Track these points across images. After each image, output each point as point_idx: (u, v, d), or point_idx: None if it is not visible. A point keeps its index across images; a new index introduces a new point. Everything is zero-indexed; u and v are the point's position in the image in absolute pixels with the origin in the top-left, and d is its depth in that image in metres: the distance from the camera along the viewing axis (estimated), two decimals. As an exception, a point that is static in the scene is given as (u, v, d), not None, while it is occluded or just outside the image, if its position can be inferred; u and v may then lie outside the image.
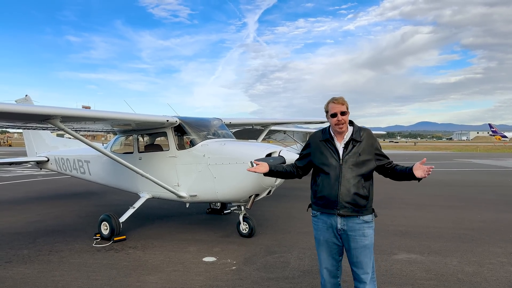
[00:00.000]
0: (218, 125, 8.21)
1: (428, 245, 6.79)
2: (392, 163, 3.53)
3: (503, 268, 5.63)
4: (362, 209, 3.31)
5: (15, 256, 6.26)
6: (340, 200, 3.27)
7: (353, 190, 3.27)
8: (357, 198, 3.28)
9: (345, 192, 3.26)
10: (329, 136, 3.44)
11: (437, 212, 9.87)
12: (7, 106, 5.11)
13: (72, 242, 7.08)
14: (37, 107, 5.43)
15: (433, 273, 5.41)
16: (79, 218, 9.26)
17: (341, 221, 3.30)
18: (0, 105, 5.11)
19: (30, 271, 5.56)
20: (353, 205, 3.28)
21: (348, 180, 3.27)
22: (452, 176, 19.33)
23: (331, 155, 3.36)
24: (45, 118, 5.70)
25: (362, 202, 3.30)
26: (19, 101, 11.46)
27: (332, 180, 3.30)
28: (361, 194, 3.29)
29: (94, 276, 5.37)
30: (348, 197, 3.26)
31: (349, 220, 3.29)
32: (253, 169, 3.58)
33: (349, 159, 3.31)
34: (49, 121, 5.74)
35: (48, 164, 10.85)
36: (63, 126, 5.99)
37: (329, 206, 3.33)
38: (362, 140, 3.36)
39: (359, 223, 3.30)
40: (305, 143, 3.66)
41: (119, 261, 6.03)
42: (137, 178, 7.89)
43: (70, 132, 6.16)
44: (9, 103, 5.15)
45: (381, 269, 5.52)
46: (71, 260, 6.08)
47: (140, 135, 8.23)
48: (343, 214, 3.28)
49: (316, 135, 3.54)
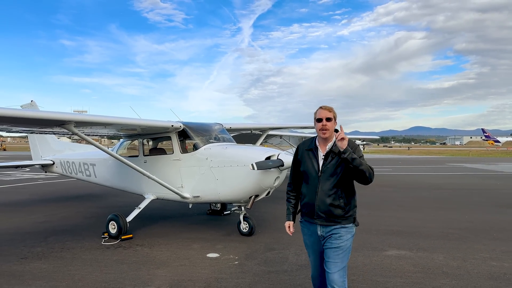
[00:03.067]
0: (219, 130, 8.65)
1: (417, 243, 7.26)
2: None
3: (485, 263, 6.10)
4: (339, 219, 3.38)
5: (29, 253, 6.64)
6: (317, 210, 3.38)
7: (329, 201, 3.34)
8: (332, 209, 3.35)
9: (321, 203, 3.36)
10: (314, 146, 3.51)
11: (428, 214, 10.36)
12: (27, 112, 5.52)
13: (82, 240, 7.47)
14: (54, 113, 5.85)
15: (420, 267, 5.87)
16: (84, 218, 9.64)
17: (320, 228, 3.43)
18: (20, 112, 5.54)
19: (46, 266, 5.96)
20: (329, 215, 3.36)
21: (325, 191, 3.35)
22: (444, 180, 19.87)
23: (312, 165, 3.44)
24: (61, 124, 6.13)
25: (338, 212, 3.37)
26: (25, 106, 11.84)
27: (311, 189, 3.43)
28: (336, 205, 3.35)
29: (107, 270, 5.77)
30: (324, 207, 3.36)
31: (327, 227, 3.40)
32: (289, 232, 3.69)
33: (328, 170, 3.38)
34: (64, 126, 6.17)
35: (53, 167, 11.23)
36: (76, 131, 6.42)
37: (309, 214, 3.47)
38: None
39: (336, 228, 3.39)
40: (295, 150, 3.73)
41: (128, 257, 6.44)
42: (142, 180, 8.30)
43: (82, 136, 6.59)
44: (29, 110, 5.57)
45: (372, 264, 5.97)
46: (83, 256, 6.47)
47: (145, 139, 8.65)
48: (320, 223, 3.40)
49: (304, 143, 3.63)
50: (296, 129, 15.90)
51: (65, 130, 6.33)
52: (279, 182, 7.24)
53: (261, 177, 6.94)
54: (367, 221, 8.95)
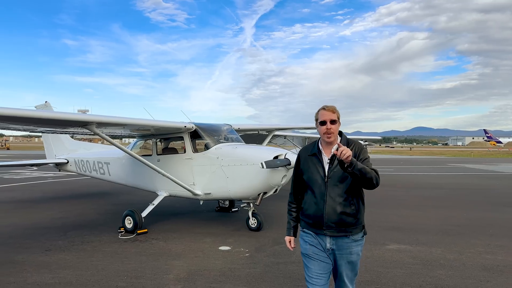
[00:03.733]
0: (228, 130, 9.09)
1: (417, 238, 7.67)
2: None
3: (479, 256, 6.51)
4: (351, 228, 3.12)
5: (52, 245, 7.09)
6: (326, 220, 3.07)
7: (340, 209, 3.06)
8: (344, 217, 3.08)
9: (331, 212, 3.06)
10: (317, 150, 3.22)
11: (428, 211, 10.76)
12: (53, 114, 5.97)
13: (99, 234, 7.91)
14: (78, 115, 6.31)
15: (419, 259, 6.29)
16: (99, 215, 10.09)
17: (330, 240, 3.14)
18: (48, 113, 5.99)
19: (70, 257, 6.40)
20: (340, 225, 3.09)
21: (334, 199, 3.06)
22: (445, 180, 20.26)
23: (317, 171, 3.15)
24: (84, 124, 6.58)
25: (350, 220, 3.10)
26: (39, 107, 12.30)
27: (317, 198, 3.12)
28: (348, 213, 3.08)
29: (127, 261, 6.21)
30: (335, 217, 3.06)
31: (338, 240, 3.12)
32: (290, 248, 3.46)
33: (335, 175, 3.08)
34: (86, 126, 6.62)
35: (68, 166, 11.68)
36: (97, 131, 6.88)
37: (316, 226, 3.16)
38: None
39: (347, 242, 3.12)
40: (296, 158, 3.46)
41: (146, 249, 6.88)
42: (155, 177, 8.74)
43: (103, 136, 7.04)
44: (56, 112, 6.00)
45: (374, 256, 6.40)
46: (103, 249, 6.92)
47: (159, 139, 9.08)
48: (330, 234, 3.11)
49: (306, 149, 3.34)
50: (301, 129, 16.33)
51: (87, 130, 6.79)
52: (286, 180, 7.67)
53: (269, 175, 7.36)
54: (369, 218, 9.32)
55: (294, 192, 3.43)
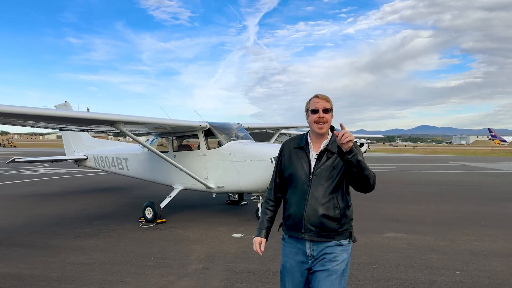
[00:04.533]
0: (239, 129, 9.80)
1: (413, 228, 8.36)
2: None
3: (469, 243, 7.20)
4: (332, 234, 2.72)
5: (81, 233, 7.84)
6: (305, 222, 2.71)
7: (322, 211, 2.68)
8: (325, 221, 2.69)
9: (311, 213, 2.69)
10: (305, 143, 2.85)
11: (425, 205, 11.44)
12: (86, 114, 6.72)
13: (122, 224, 8.66)
14: (108, 115, 7.03)
15: (413, 246, 6.98)
16: (118, 207, 10.85)
17: (310, 245, 2.74)
18: (80, 114, 6.73)
19: (99, 243, 7.14)
20: (320, 229, 2.70)
21: (317, 199, 2.69)
22: (445, 177, 20.90)
23: (301, 166, 2.79)
24: (112, 123, 7.32)
25: (332, 225, 2.71)
26: (59, 106, 13.06)
27: (298, 197, 2.76)
28: (331, 216, 2.70)
29: (151, 245, 6.95)
30: (315, 219, 2.69)
31: (319, 245, 2.73)
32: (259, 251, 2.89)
33: (322, 172, 2.73)
34: (114, 125, 7.36)
35: (87, 162, 12.44)
36: (124, 129, 7.62)
37: (293, 228, 2.78)
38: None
39: (330, 246, 2.73)
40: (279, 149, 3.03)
41: (166, 236, 7.62)
42: (172, 172, 9.47)
43: (128, 133, 7.79)
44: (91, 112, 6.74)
45: (373, 243, 7.09)
46: (127, 235, 7.66)
47: (175, 137, 9.80)
48: (308, 238, 2.72)
49: (292, 140, 2.97)
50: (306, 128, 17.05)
51: (113, 128, 7.53)
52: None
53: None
54: (369, 210, 10.06)
55: (275, 188, 2.97)
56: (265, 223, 2.96)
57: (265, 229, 2.94)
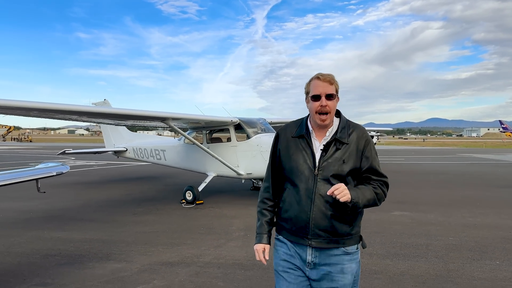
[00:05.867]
0: (263, 123, 11.21)
1: (416, 208, 9.72)
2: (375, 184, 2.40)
3: (463, 219, 8.54)
4: (344, 238, 2.34)
5: (136, 211, 9.34)
6: (312, 227, 2.30)
7: (331, 212, 2.29)
8: (337, 224, 2.31)
9: (319, 215, 2.29)
10: (305, 131, 2.40)
11: (429, 190, 12.77)
12: (145, 112, 8.19)
13: (166, 205, 10.15)
14: (160, 112, 8.51)
15: (415, 220, 8.35)
16: (157, 192, 12.37)
17: (312, 252, 2.34)
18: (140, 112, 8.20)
19: (154, 218, 8.64)
20: (331, 233, 2.31)
21: (325, 198, 2.27)
22: (450, 168, 22.12)
23: (304, 159, 2.35)
24: (163, 119, 8.80)
25: (344, 229, 2.33)
26: (98, 104, 14.60)
27: (302, 196, 2.33)
28: (342, 218, 2.32)
29: (197, 220, 8.43)
30: (324, 222, 2.30)
31: (323, 252, 2.34)
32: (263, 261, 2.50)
33: (328, 167, 2.30)
34: (164, 121, 8.84)
35: (126, 153, 13.99)
36: (172, 124, 9.09)
37: (297, 233, 2.36)
38: (350, 141, 2.36)
39: (337, 255, 2.34)
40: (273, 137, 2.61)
41: (207, 213, 9.10)
42: (205, 161, 10.93)
43: (175, 128, 9.30)
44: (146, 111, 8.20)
45: (381, 219, 8.45)
46: (175, 213, 9.15)
47: (208, 131, 11.25)
48: (316, 246, 2.32)
49: (288, 128, 2.50)
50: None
51: (163, 123, 9.01)
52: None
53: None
54: None
55: (273, 185, 2.53)
56: (265, 227, 2.50)
57: (266, 234, 2.49)
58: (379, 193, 2.39)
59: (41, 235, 7.18)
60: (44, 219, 8.50)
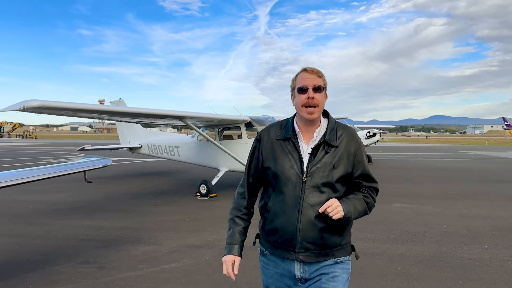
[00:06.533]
0: (272, 122, 11.90)
1: (416, 200, 10.41)
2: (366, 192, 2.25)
3: (459, 210, 9.23)
4: (333, 250, 2.14)
5: (155, 202, 10.08)
6: (300, 239, 2.09)
7: (321, 222, 2.07)
8: (326, 236, 2.10)
9: (308, 226, 2.07)
10: (292, 132, 2.19)
11: (428, 185, 13.46)
12: (165, 111, 8.93)
13: (182, 197, 10.89)
14: (179, 111, 9.25)
15: (414, 211, 9.05)
16: (171, 186, 13.12)
17: (300, 267, 2.14)
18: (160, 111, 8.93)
19: (173, 208, 9.38)
20: (320, 246, 2.11)
21: (313, 207, 2.06)
22: (450, 164, 22.77)
23: (291, 164, 2.13)
24: (181, 118, 9.54)
25: (334, 240, 2.14)
26: (114, 103, 15.34)
27: (288, 205, 2.11)
28: (332, 229, 2.11)
29: (213, 211, 9.15)
30: (313, 234, 2.08)
31: (313, 266, 2.13)
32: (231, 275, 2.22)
33: (317, 173, 2.09)
34: (182, 119, 9.58)
35: (141, 149, 14.74)
36: (189, 123, 9.84)
37: (283, 246, 2.15)
38: (339, 144, 2.15)
39: (329, 265, 2.15)
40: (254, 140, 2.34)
41: (222, 205, 9.82)
42: (218, 157, 11.65)
43: (192, 126, 10.04)
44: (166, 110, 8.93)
45: (384, 209, 9.13)
46: (191, 205, 9.88)
47: (220, 128, 11.96)
48: (304, 260, 2.11)
49: (271, 130, 2.27)
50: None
51: (181, 122, 9.75)
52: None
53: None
54: (380, 189, 11.62)
55: (249, 192, 2.34)
56: (237, 237, 2.27)
57: (238, 244, 2.26)
58: (370, 202, 2.25)
59: (73, 223, 7.93)
60: (71, 210, 9.25)
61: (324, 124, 2.23)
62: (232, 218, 2.35)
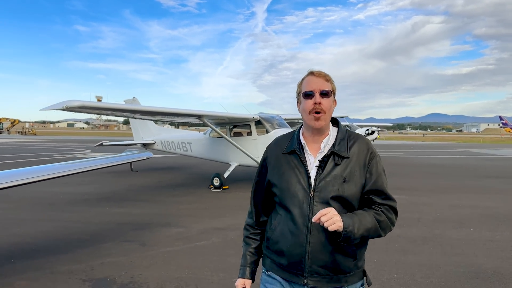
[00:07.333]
0: (280, 119, 12.85)
1: (411, 193, 11.39)
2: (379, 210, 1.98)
3: (450, 200, 10.21)
4: (346, 275, 1.90)
5: (174, 194, 11.00)
6: (309, 262, 1.86)
7: (332, 244, 1.84)
8: (340, 258, 1.87)
9: (318, 248, 1.85)
10: (297, 145, 1.98)
11: (423, 179, 14.45)
12: (184, 110, 9.83)
13: (197, 189, 11.81)
14: (197, 110, 10.17)
15: (410, 202, 10.02)
16: (184, 180, 14.04)
17: None
18: (179, 110, 9.83)
19: (192, 198, 10.31)
20: (331, 270, 1.87)
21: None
22: (445, 161, 23.79)
23: (297, 179, 1.92)
24: (199, 117, 10.46)
25: (347, 263, 1.89)
26: (128, 101, 16.22)
27: (296, 224, 1.88)
28: (346, 252, 1.87)
29: (226, 201, 10.08)
30: (323, 257, 1.85)
31: None
32: None
33: (326, 187, 1.87)
34: (200, 118, 10.50)
35: (154, 145, 15.64)
36: (206, 121, 10.75)
37: (290, 270, 1.92)
38: (351, 155, 1.93)
39: None
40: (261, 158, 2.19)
41: (235, 196, 10.77)
42: (229, 152, 12.58)
43: (209, 124, 10.96)
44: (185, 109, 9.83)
45: (382, 200, 10.13)
46: (207, 196, 10.81)
47: (231, 126, 12.88)
48: (314, 286, 1.87)
49: (277, 144, 2.10)
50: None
51: (199, 120, 10.66)
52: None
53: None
54: None
55: (257, 211, 2.17)
56: (247, 258, 2.15)
57: (249, 267, 2.14)
58: (383, 220, 1.92)
59: (104, 211, 8.85)
60: (99, 199, 10.17)
61: (334, 133, 2.01)
62: (243, 238, 2.22)
